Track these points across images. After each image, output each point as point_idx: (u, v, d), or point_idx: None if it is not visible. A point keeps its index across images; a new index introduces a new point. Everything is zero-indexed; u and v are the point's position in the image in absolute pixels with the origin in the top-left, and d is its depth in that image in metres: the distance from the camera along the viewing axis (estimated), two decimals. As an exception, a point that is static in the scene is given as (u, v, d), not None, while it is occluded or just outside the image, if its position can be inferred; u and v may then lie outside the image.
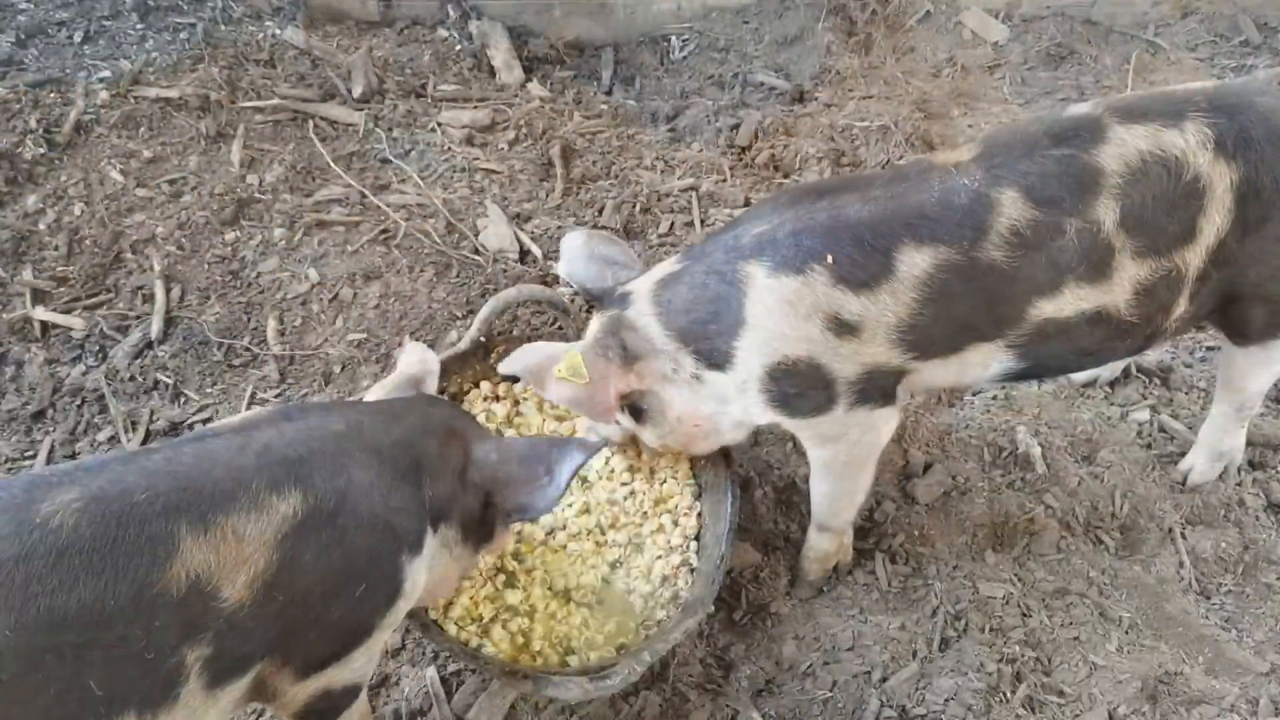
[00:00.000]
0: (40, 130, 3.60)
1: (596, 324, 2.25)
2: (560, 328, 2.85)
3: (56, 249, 3.33)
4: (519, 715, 2.35)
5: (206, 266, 3.33)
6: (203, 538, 1.55)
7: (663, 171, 3.78)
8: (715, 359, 2.14)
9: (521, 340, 2.78)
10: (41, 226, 3.38)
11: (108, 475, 1.55)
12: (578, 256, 2.44)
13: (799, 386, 2.11)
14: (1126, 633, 2.54)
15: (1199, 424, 2.86)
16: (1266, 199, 2.07)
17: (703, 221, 3.57)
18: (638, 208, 3.60)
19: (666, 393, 2.23)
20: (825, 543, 2.52)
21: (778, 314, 2.05)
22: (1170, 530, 2.76)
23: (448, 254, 3.38)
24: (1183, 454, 2.89)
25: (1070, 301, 2.09)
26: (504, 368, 2.19)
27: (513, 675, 2.15)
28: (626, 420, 2.33)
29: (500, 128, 3.93)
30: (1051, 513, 2.78)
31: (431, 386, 2.24)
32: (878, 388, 2.15)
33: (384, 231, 3.47)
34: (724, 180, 3.75)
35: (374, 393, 2.21)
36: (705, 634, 2.50)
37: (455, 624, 2.35)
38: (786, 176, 3.82)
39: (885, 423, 2.24)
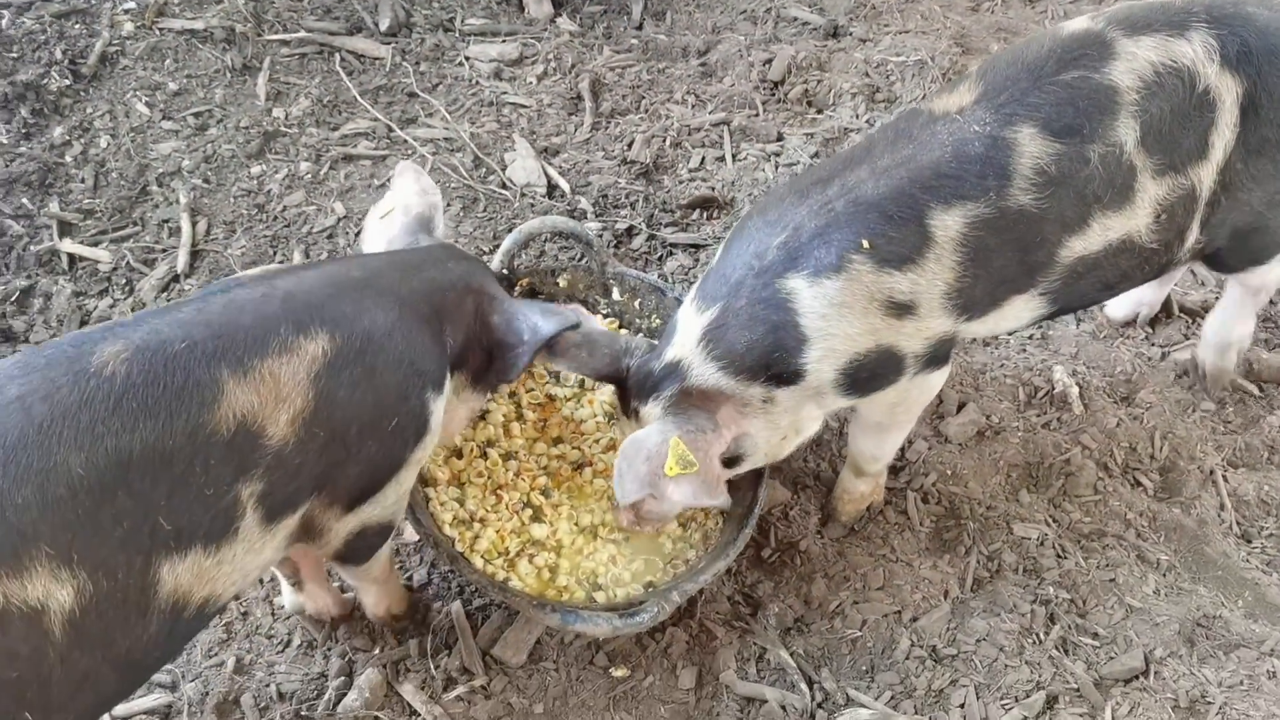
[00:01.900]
0: (66, 62, 3.52)
1: (658, 408, 2.07)
2: (586, 261, 2.76)
3: (83, 181, 3.27)
4: (544, 650, 2.30)
5: (233, 200, 3.26)
6: (243, 381, 1.61)
7: (693, 106, 3.67)
8: (786, 377, 2.03)
9: (547, 274, 2.74)
10: (68, 159, 3.32)
11: (146, 328, 1.61)
12: (581, 356, 2.21)
13: (872, 371, 2.04)
14: (1164, 575, 2.45)
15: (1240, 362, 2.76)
16: (1264, 117, 2.01)
17: (734, 156, 3.47)
18: (667, 142, 3.50)
19: (749, 427, 2.10)
20: (863, 485, 2.46)
21: (836, 318, 1.95)
22: (1211, 473, 2.66)
23: (475, 188, 3.30)
24: (1232, 394, 2.79)
25: (1098, 234, 1.99)
26: (624, 499, 2.01)
27: (540, 608, 2.10)
28: (727, 473, 2.15)
29: (529, 62, 3.82)
30: (1089, 454, 2.68)
31: (439, 221, 2.25)
32: (940, 354, 2.10)
33: (411, 165, 3.38)
34: (756, 115, 3.64)
35: (376, 228, 2.23)
36: (734, 571, 2.44)
37: (482, 557, 2.30)
38: (820, 112, 3.70)
39: (941, 379, 2.19)
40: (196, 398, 1.56)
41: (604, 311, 2.78)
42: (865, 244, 1.91)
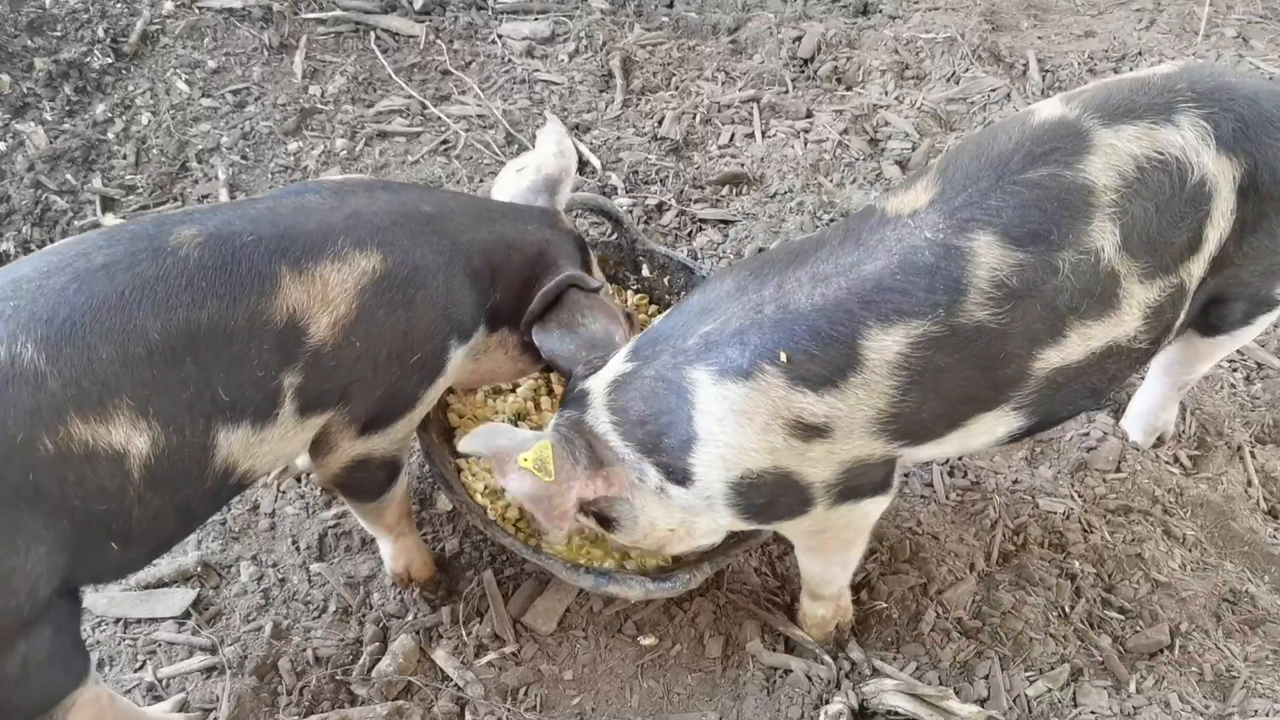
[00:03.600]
0: (108, 40, 3.53)
1: (561, 420, 1.94)
2: (616, 237, 2.74)
3: (125, 157, 3.28)
4: (573, 618, 2.30)
5: (270, 176, 3.26)
6: (298, 279, 1.70)
7: (723, 83, 3.64)
8: (675, 474, 1.83)
9: None
10: (110, 135, 3.33)
11: (221, 217, 1.71)
12: (562, 333, 2.11)
13: (768, 495, 1.82)
14: (1190, 550, 2.41)
15: (1272, 338, 2.70)
16: (1264, 193, 1.77)
17: (764, 132, 3.43)
18: (698, 118, 3.47)
19: (636, 500, 1.90)
20: (821, 609, 2.22)
21: (731, 425, 1.74)
22: (1239, 449, 2.61)
23: (506, 164, 3.26)
24: (1260, 371, 2.74)
25: (1077, 344, 1.75)
26: (464, 445, 1.86)
27: (574, 570, 2.09)
28: (590, 523, 2.03)
29: (560, 39, 3.80)
30: (1114, 429, 2.64)
31: (566, 186, 2.28)
32: (863, 482, 1.85)
33: (444, 142, 3.39)
34: (785, 92, 3.60)
35: (508, 180, 2.28)
36: (761, 544, 2.41)
37: (514, 525, 2.30)
38: (849, 89, 3.66)
39: (877, 508, 1.95)
40: (257, 286, 1.66)
41: (634, 287, 2.76)
42: (783, 357, 1.71)
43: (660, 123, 3.46)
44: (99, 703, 1.80)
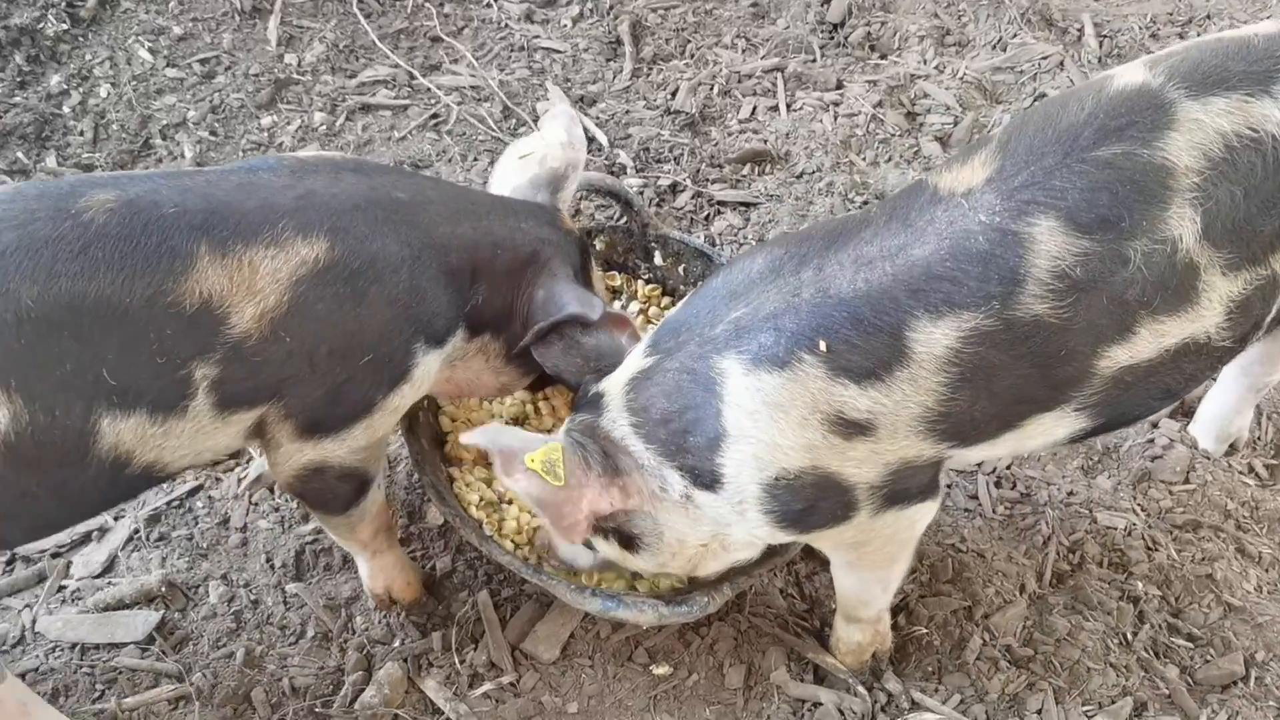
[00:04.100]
0: (63, 5, 3.54)
1: (573, 425, 1.94)
2: (625, 221, 2.73)
3: (82, 134, 3.28)
4: (578, 645, 2.29)
5: (241, 153, 3.26)
6: (219, 261, 1.69)
7: (744, 50, 3.63)
8: (702, 478, 1.82)
9: (584, 235, 2.69)
10: (66, 109, 3.33)
11: (147, 185, 1.72)
12: (566, 346, 2.12)
13: (807, 500, 1.81)
14: (1267, 571, 2.40)
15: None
16: None
17: (789, 106, 3.42)
18: (715, 90, 3.46)
19: (659, 513, 1.90)
20: (857, 634, 2.22)
21: (765, 420, 1.74)
22: (1321, 458, 2.60)
23: (504, 141, 3.28)
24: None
25: (1148, 341, 1.71)
26: (466, 438, 1.86)
27: (579, 592, 2.08)
28: (610, 547, 2.00)
29: (563, 2, 3.80)
30: (1182, 435, 2.62)
31: (572, 182, 2.28)
32: (911, 485, 1.85)
33: (434, 116, 3.39)
34: (813, 60, 3.59)
35: (508, 168, 2.29)
36: (787, 563, 2.40)
37: (511, 541, 2.29)
38: (884, 57, 3.65)
39: (925, 515, 1.94)
40: (165, 264, 1.64)
41: (645, 276, 2.75)
42: (822, 345, 1.70)
43: (674, 95, 3.46)
44: (3, 708, 1.83)
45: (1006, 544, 2.45)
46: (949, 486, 2.54)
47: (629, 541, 1.96)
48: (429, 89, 3.46)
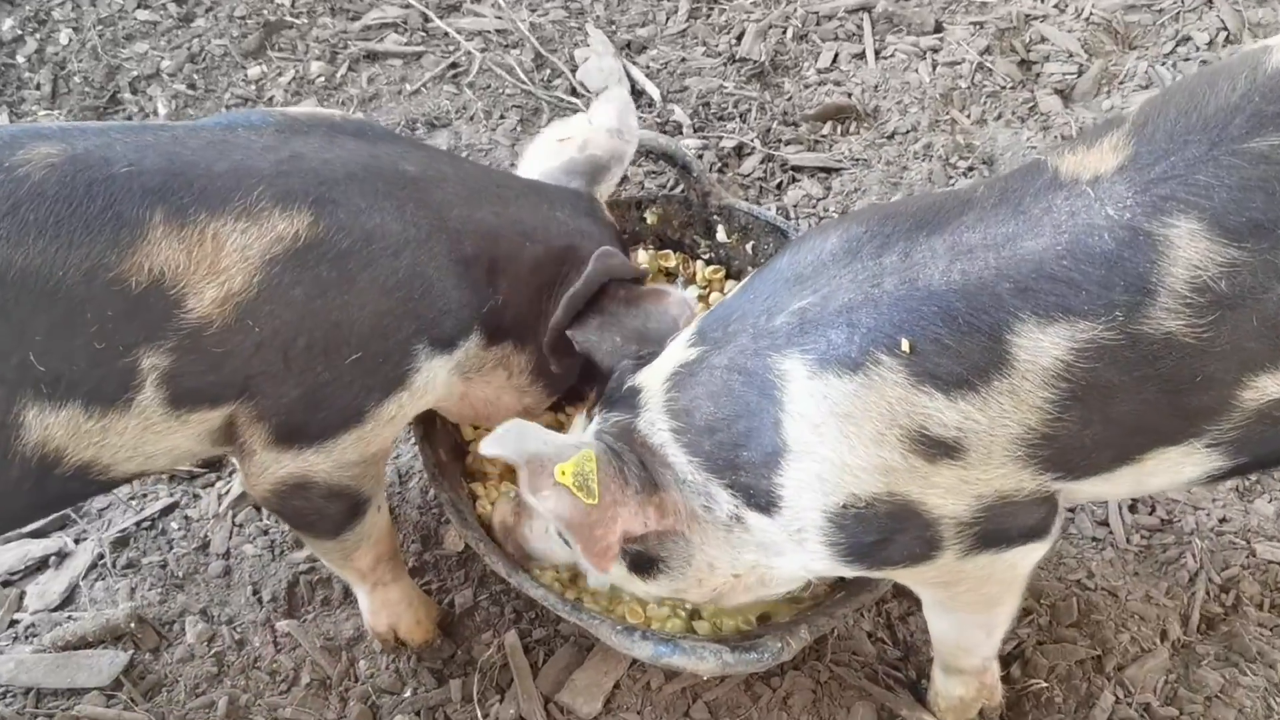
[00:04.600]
0: (17, -65, 3.58)
1: (605, 426, 1.94)
2: (682, 190, 2.72)
3: (39, 87, 3.32)
4: (624, 697, 2.28)
5: (224, 110, 3.28)
6: (177, 233, 1.68)
7: (823, -14, 3.62)
8: (756, 499, 1.82)
9: (629, 207, 2.74)
10: (20, 59, 3.37)
11: (99, 140, 1.71)
12: (603, 323, 2.14)
13: (880, 532, 1.79)
14: None
15: None
16: None
17: (878, 53, 3.41)
18: (789, 34, 3.46)
19: (696, 536, 1.90)
20: (959, 688, 2.21)
21: (832, 434, 1.72)
22: None
23: (536, 95, 3.30)
24: None
25: None
26: (486, 447, 1.86)
27: (627, 634, 2.06)
28: (615, 567, 1.99)
29: (606, -71, 3.80)
30: (1360, 450, 2.57)
31: (614, 175, 2.31)
32: (1010, 526, 1.82)
33: (453, 66, 3.41)
34: (906, -2, 3.58)
35: (542, 150, 2.32)
36: (877, 600, 2.39)
37: (538, 568, 2.28)
38: (991, -7, 3.63)
39: (1030, 558, 1.91)
40: (110, 234, 1.64)
41: (706, 256, 2.75)
42: (905, 345, 1.68)
43: (739, 39, 3.45)
44: None
45: (1144, 581, 2.43)
46: (1072, 511, 2.51)
47: (647, 565, 1.95)
48: (446, 34, 3.47)
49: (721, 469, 1.83)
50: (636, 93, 3.31)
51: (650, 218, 2.73)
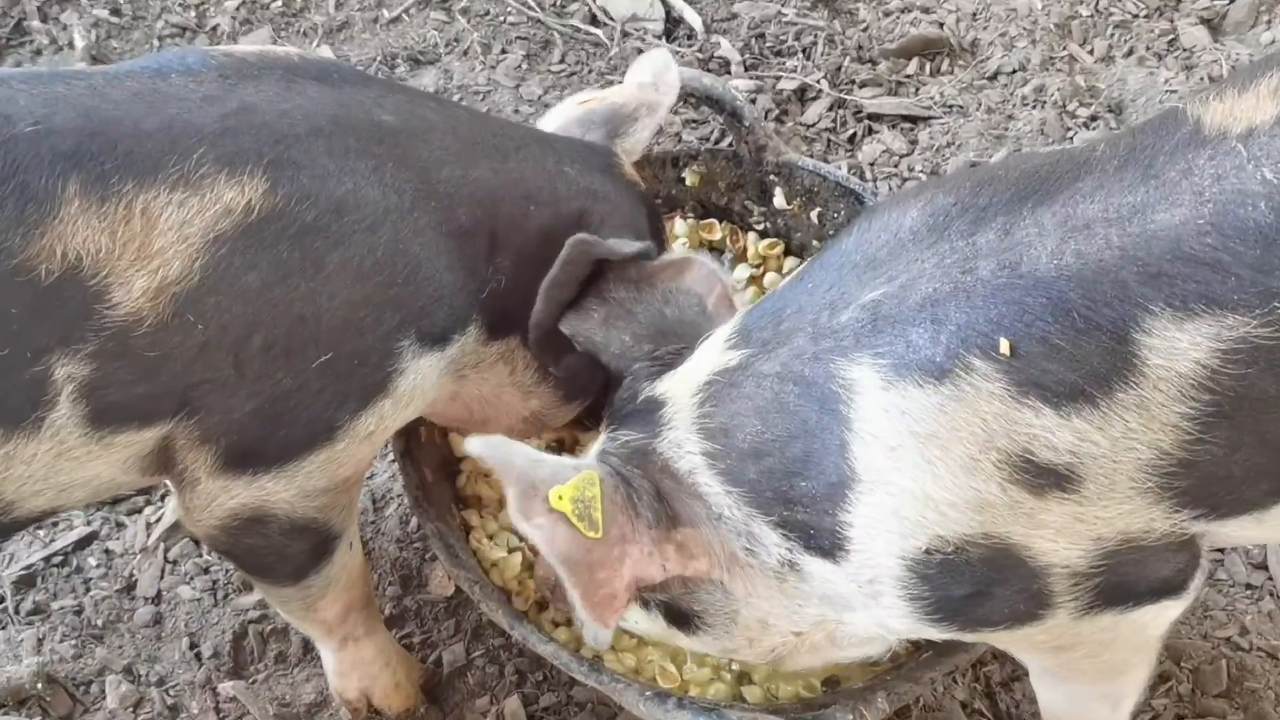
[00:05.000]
0: None
1: (613, 447, 1.94)
2: (729, 143, 2.71)
3: (-76, 14, 3.33)
4: (656, 781, 2.28)
5: (156, 43, 3.31)
6: (95, 208, 1.65)
7: (907, -113, 3.61)
8: (816, 540, 1.80)
9: (664, 164, 2.73)
10: (-99, -23, 3.39)
11: (1, 91, 1.69)
12: (609, 311, 2.13)
13: (974, 584, 1.77)
14: None
15: None
16: None
17: (977, -28, 3.40)
18: (866, -50, 3.45)
19: (738, 584, 1.90)
20: None
21: (912, 460, 1.70)
22: None
23: (545, 25, 3.31)
24: None
25: None
26: (470, 445, 1.83)
27: (658, 702, 2.05)
28: (651, 621, 2.02)
29: None
30: None
31: (643, 132, 2.32)
32: (1138, 579, 1.81)
33: (442, -13, 3.42)
34: (1013, -98, 3.57)
35: (564, 113, 2.33)
36: (972, 663, 2.39)
37: (550, 622, 2.30)
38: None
39: (1165, 617, 1.89)
40: (10, 210, 1.61)
41: (760, 227, 2.75)
42: (1004, 347, 1.66)
43: (801, -44, 3.44)
44: None
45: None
46: (1220, 553, 2.50)
47: (681, 619, 1.96)
48: (434, -54, 3.47)
49: (770, 503, 1.81)
50: (673, 21, 3.32)
51: (690, 178, 2.73)
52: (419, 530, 2.49)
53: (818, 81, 3.21)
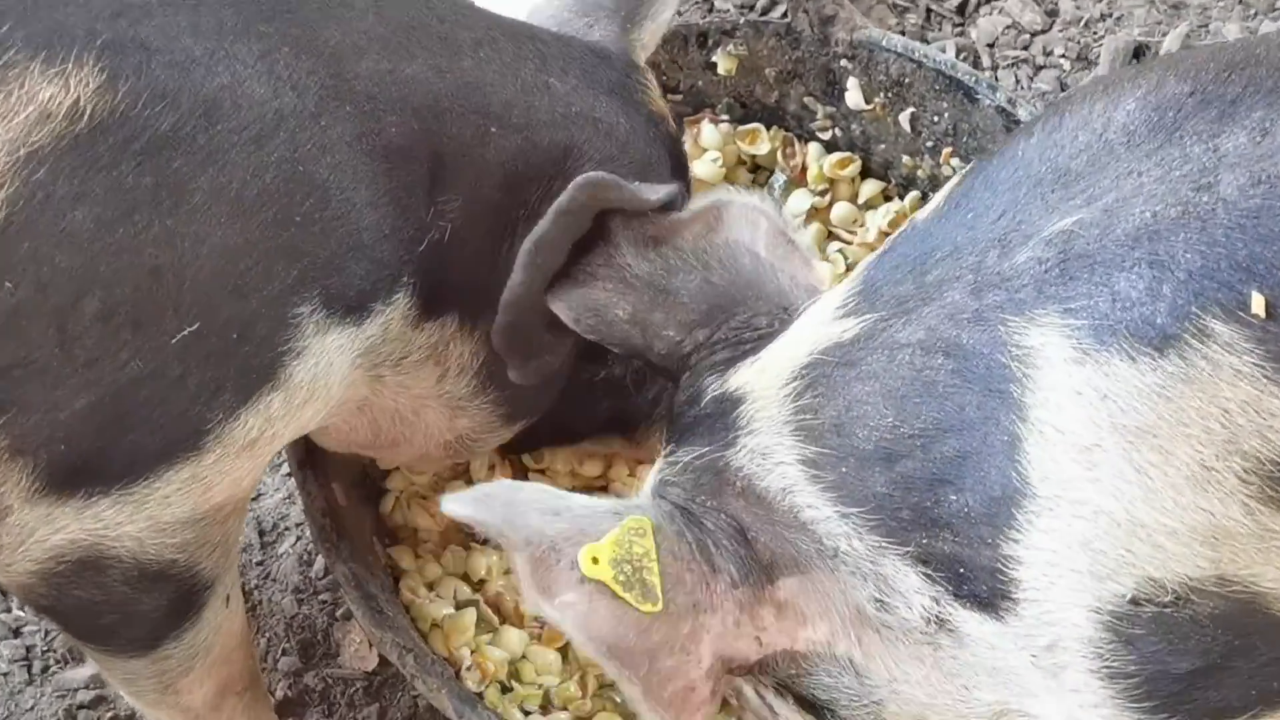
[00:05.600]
0: None
1: (671, 472, 1.97)
2: (784, 16, 2.68)
3: None
4: None
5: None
6: None
7: None
8: (971, 582, 1.80)
9: (693, 44, 2.70)
10: None
11: None
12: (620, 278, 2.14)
13: (1204, 656, 1.75)
14: None
15: None
16: None
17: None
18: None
19: (876, 658, 1.89)
20: None
21: (1114, 464, 1.69)
22: None
23: None
24: None
25: None
26: (454, 502, 1.81)
27: None
28: (783, 706, 2.00)
29: None
30: None
31: (662, 11, 2.31)
32: None
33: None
34: None
35: None
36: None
37: (520, 710, 2.29)
38: None
39: None
40: None
41: (825, 135, 2.72)
42: (1258, 305, 1.64)
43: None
44: None
45: None
46: None
47: (814, 710, 1.92)
48: None
49: (905, 527, 1.78)
50: None
51: (724, 64, 2.71)
52: (326, 575, 2.49)
53: (909, -69, 3.18)
